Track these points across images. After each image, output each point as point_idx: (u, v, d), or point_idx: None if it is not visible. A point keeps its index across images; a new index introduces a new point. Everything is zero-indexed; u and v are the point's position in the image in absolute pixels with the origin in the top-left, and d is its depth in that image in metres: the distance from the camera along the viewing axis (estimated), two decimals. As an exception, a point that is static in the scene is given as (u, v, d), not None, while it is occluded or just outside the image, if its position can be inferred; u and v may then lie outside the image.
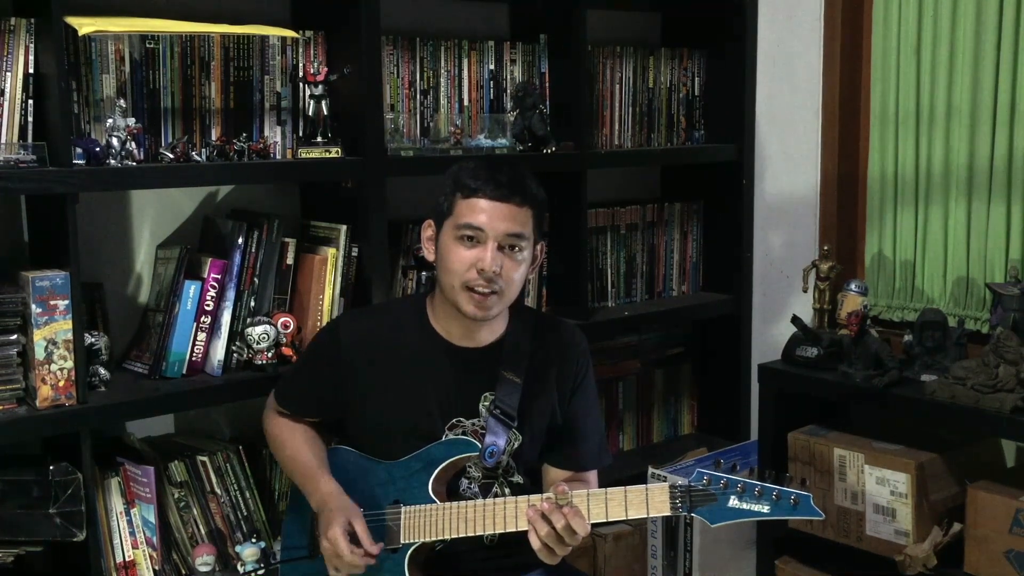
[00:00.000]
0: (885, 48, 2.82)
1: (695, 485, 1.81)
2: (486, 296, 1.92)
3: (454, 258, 1.93)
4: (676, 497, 1.81)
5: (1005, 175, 2.60)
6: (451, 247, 1.94)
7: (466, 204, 1.93)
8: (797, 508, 1.78)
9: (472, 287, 1.92)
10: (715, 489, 1.80)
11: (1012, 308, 2.42)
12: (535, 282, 2.80)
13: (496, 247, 1.91)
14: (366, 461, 2.02)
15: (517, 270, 1.95)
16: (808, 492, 1.80)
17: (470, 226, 1.91)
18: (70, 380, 2.04)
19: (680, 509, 1.81)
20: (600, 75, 2.91)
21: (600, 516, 1.84)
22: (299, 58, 2.40)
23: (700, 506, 1.80)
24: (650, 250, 3.09)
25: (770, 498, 1.79)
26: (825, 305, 2.77)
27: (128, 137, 2.10)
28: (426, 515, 1.92)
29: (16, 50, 2.03)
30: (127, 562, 2.21)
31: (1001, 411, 2.26)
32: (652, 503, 1.82)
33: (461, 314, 1.96)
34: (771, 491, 1.78)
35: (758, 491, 1.78)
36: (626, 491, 1.84)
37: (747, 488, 1.79)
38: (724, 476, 1.80)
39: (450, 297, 1.95)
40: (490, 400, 2.01)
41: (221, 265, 2.26)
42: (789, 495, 1.78)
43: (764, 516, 1.80)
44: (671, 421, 3.29)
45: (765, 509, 1.79)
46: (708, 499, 1.80)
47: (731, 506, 1.79)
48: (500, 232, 1.91)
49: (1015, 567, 2.30)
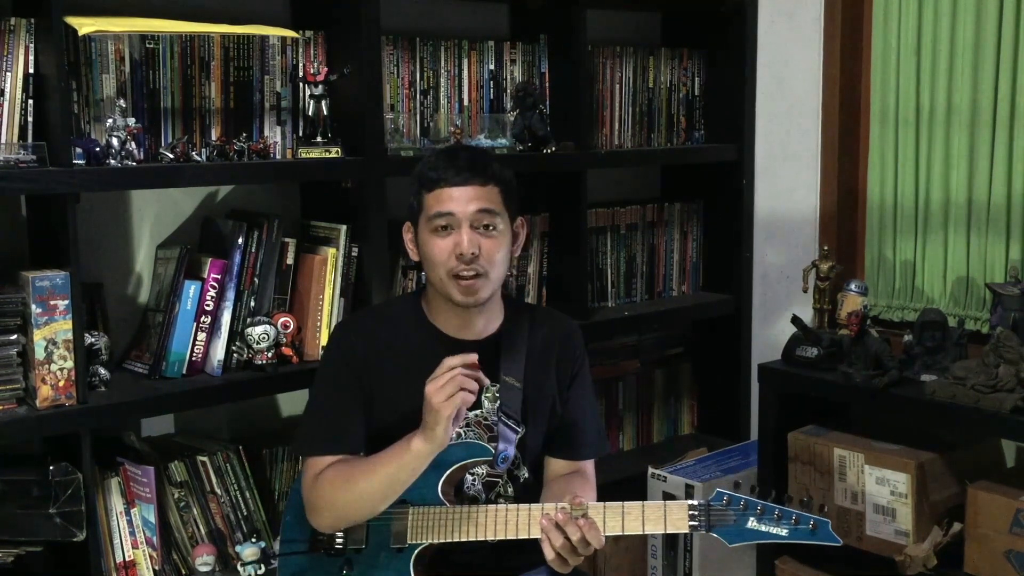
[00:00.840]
0: (885, 48, 2.82)
1: (715, 504, 1.82)
2: (472, 280, 1.94)
3: (434, 250, 1.95)
4: (695, 515, 1.82)
5: (1005, 175, 2.60)
6: (429, 241, 1.96)
7: (432, 196, 1.95)
8: (815, 533, 1.81)
9: (457, 274, 1.93)
10: (734, 510, 1.82)
11: (1012, 308, 2.42)
12: (535, 282, 2.81)
13: (470, 228, 1.93)
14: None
15: (497, 249, 1.96)
16: (827, 518, 1.82)
17: (440, 214, 1.93)
18: (70, 380, 2.04)
19: (699, 528, 1.82)
20: (600, 75, 2.91)
21: (616, 529, 1.84)
22: (299, 58, 2.40)
23: (718, 526, 1.82)
24: (650, 250, 3.09)
25: (789, 522, 1.81)
26: (825, 305, 2.77)
27: (128, 137, 2.10)
28: (435, 516, 1.92)
29: (16, 50, 2.03)
30: (127, 562, 2.21)
31: (1001, 411, 2.26)
32: (670, 519, 1.83)
33: (454, 304, 1.97)
34: (790, 515, 1.81)
35: (777, 514, 1.81)
36: (644, 506, 1.85)
37: (766, 510, 1.81)
38: (743, 497, 1.82)
39: (441, 291, 1.97)
40: (492, 393, 2.01)
41: (221, 265, 2.26)
42: (808, 520, 1.81)
43: (782, 539, 1.82)
44: (671, 421, 3.29)
45: (783, 532, 1.80)
46: (727, 519, 1.82)
47: (749, 527, 1.81)
48: (469, 212, 1.93)
49: (1015, 567, 2.30)
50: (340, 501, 1.90)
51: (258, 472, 2.41)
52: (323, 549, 1.98)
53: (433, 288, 2.01)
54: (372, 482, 1.87)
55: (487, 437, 2.01)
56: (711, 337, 3.25)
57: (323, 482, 1.91)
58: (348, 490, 1.89)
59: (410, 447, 1.83)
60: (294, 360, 2.33)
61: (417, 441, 1.82)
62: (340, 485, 1.90)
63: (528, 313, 2.13)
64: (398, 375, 2.00)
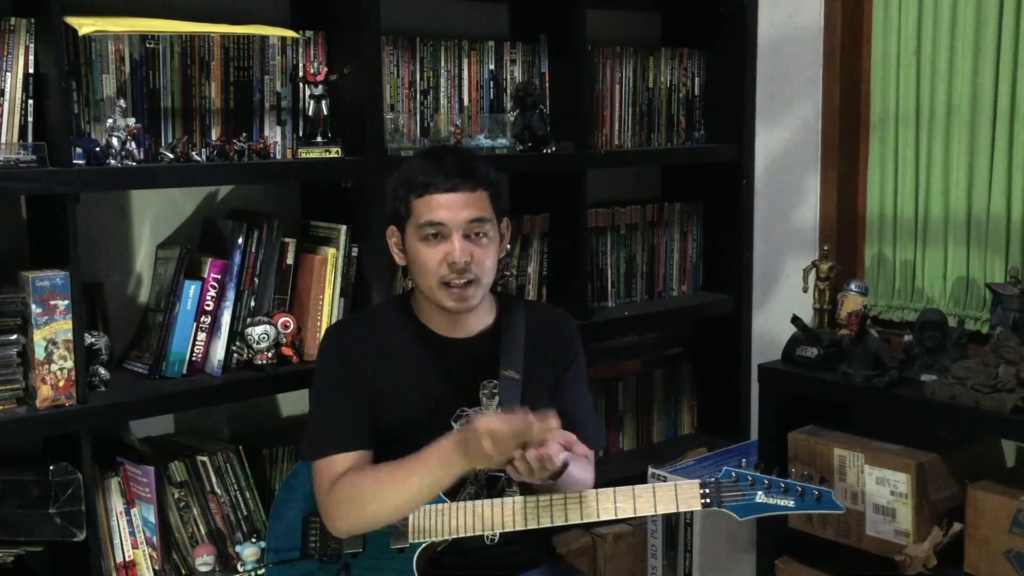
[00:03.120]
0: (885, 49, 2.82)
1: (724, 481, 1.88)
2: (464, 287, 1.93)
3: (424, 259, 1.93)
4: (706, 492, 1.87)
5: (1005, 175, 2.60)
6: (418, 249, 1.94)
7: (422, 202, 1.93)
8: (820, 502, 1.89)
9: (447, 282, 1.93)
10: (743, 485, 1.88)
11: (1012, 308, 2.42)
12: (535, 282, 2.81)
13: (462, 236, 1.92)
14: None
15: (487, 255, 1.96)
16: (829, 488, 1.91)
17: (431, 223, 1.92)
18: (70, 380, 2.04)
19: (711, 504, 1.87)
20: (600, 75, 2.91)
21: (628, 511, 1.87)
22: (299, 58, 2.40)
23: (729, 502, 1.87)
24: (650, 250, 3.09)
25: (795, 493, 1.89)
26: (825, 305, 2.77)
27: (128, 137, 2.10)
28: (436, 514, 1.91)
29: (16, 50, 2.03)
30: (127, 562, 2.21)
31: (1001, 411, 2.26)
32: (682, 498, 1.87)
33: (444, 310, 1.97)
34: (795, 487, 1.89)
35: (783, 487, 1.88)
36: (655, 487, 1.89)
37: (773, 484, 1.88)
38: (751, 473, 1.89)
39: (430, 297, 1.97)
40: (490, 389, 2.01)
41: (221, 265, 2.26)
42: (813, 491, 1.89)
43: (790, 510, 1.90)
44: (671, 421, 3.29)
45: (791, 503, 1.89)
46: (736, 495, 1.87)
47: (758, 501, 1.88)
48: (461, 221, 1.92)
49: (1015, 567, 2.30)
50: (366, 511, 1.85)
51: (258, 472, 2.41)
52: (318, 555, 1.98)
53: (422, 293, 2.01)
54: (402, 492, 1.83)
55: None
56: (711, 337, 3.25)
57: (344, 488, 1.87)
58: (375, 500, 1.85)
59: (447, 459, 1.78)
60: (294, 360, 2.33)
61: (457, 459, 1.78)
62: (366, 493, 1.85)
63: (521, 306, 2.13)
64: (391, 376, 2.00)
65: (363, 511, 1.86)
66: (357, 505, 1.86)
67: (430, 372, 2.01)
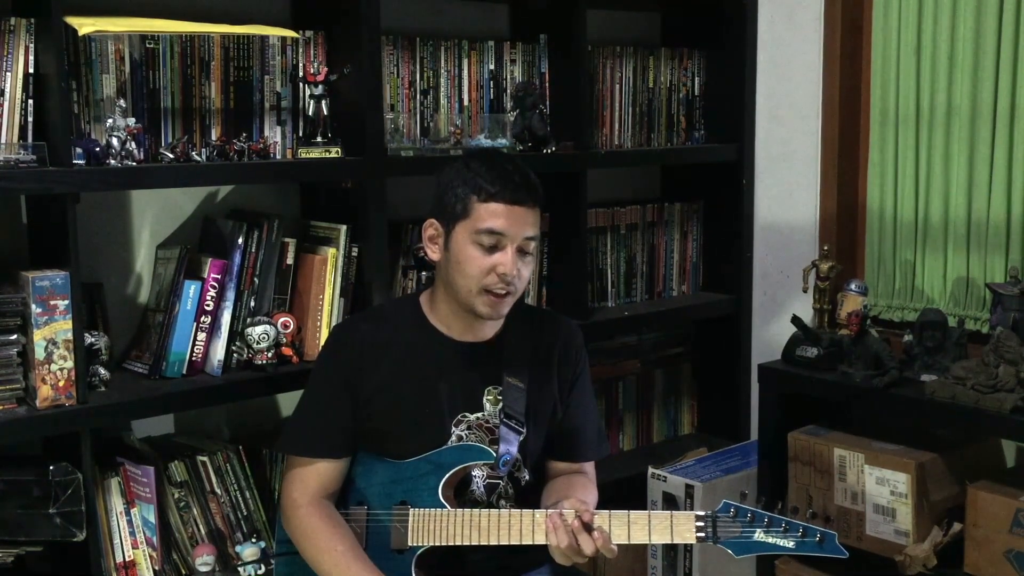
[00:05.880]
0: (885, 48, 2.82)
1: (721, 516, 1.82)
2: (502, 297, 1.94)
3: (473, 263, 1.92)
4: (702, 527, 1.83)
5: (1005, 175, 2.60)
6: (468, 252, 1.92)
7: (485, 208, 1.91)
8: (822, 546, 1.81)
9: (490, 290, 1.93)
10: (741, 522, 1.82)
11: (1012, 308, 2.42)
12: (535, 282, 2.80)
13: (515, 250, 1.92)
14: (370, 459, 2.01)
15: (529, 270, 1.98)
16: (833, 531, 1.83)
17: (491, 231, 1.90)
18: (70, 380, 2.04)
19: (706, 539, 1.82)
20: (600, 75, 2.91)
21: (623, 538, 1.85)
22: (299, 58, 2.40)
23: (725, 538, 1.82)
24: (650, 250, 3.09)
25: (796, 534, 1.81)
26: (825, 305, 2.77)
27: (128, 137, 2.10)
28: (436, 520, 1.92)
29: (16, 50, 2.03)
30: (127, 562, 2.21)
31: (1001, 411, 2.26)
32: (677, 530, 1.83)
33: (474, 315, 1.96)
34: (797, 527, 1.81)
35: (784, 526, 1.81)
36: (650, 515, 1.85)
37: (773, 522, 1.81)
38: (751, 509, 1.82)
39: (465, 300, 1.95)
40: (494, 395, 2.01)
41: (221, 265, 2.26)
42: (815, 532, 1.81)
43: (789, 551, 1.82)
44: (671, 421, 3.29)
45: (790, 544, 1.81)
46: (733, 531, 1.82)
47: (756, 539, 1.81)
48: (519, 236, 1.92)
49: (1015, 567, 2.30)
50: (306, 556, 1.95)
51: (258, 472, 2.41)
52: None
53: (450, 293, 1.98)
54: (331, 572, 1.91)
55: (488, 439, 2.00)
56: (711, 337, 3.25)
57: (301, 525, 1.95)
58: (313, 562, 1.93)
59: None
60: (294, 360, 2.33)
61: None
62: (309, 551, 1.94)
63: (530, 316, 2.13)
64: (399, 375, 2.00)
65: (303, 554, 1.96)
66: (301, 546, 1.96)
67: (437, 375, 2.00)
